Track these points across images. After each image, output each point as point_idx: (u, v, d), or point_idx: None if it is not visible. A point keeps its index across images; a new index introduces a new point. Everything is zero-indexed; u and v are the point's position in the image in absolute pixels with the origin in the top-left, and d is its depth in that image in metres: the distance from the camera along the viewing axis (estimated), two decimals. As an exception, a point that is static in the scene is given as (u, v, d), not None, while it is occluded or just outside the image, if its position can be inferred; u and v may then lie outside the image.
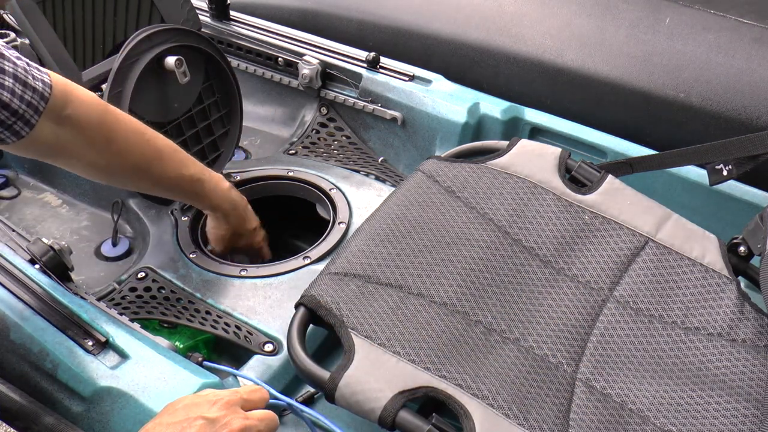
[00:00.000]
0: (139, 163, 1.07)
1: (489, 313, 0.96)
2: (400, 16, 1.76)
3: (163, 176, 1.11)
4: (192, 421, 0.73)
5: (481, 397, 0.84)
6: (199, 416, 0.73)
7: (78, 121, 0.97)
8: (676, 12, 1.59)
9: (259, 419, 0.77)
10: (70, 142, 0.98)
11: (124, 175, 1.10)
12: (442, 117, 1.45)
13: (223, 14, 1.67)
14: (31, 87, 0.90)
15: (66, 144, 0.98)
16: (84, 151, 1.01)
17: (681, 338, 0.98)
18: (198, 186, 1.16)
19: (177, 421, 0.73)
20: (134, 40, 1.20)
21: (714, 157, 1.15)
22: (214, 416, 0.74)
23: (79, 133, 0.98)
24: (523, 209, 1.10)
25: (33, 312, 0.92)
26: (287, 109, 1.66)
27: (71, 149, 1.00)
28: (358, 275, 0.97)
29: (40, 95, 0.91)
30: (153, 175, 1.10)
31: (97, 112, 1.01)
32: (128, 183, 1.16)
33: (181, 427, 0.72)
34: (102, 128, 1.01)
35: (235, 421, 0.74)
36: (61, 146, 0.98)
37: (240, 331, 1.09)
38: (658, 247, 1.08)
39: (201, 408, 0.75)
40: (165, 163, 1.11)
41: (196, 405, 0.75)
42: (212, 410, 0.74)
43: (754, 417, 0.88)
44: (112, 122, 1.03)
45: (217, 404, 0.75)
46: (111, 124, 1.03)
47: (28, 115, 0.90)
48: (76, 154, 1.01)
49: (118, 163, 1.06)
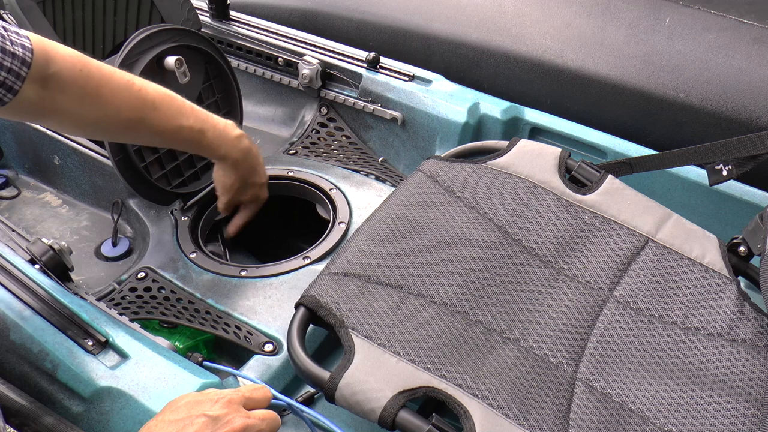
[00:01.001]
0: (131, 116, 1.03)
1: (489, 313, 0.96)
2: (400, 16, 1.76)
3: (159, 127, 1.07)
4: (194, 418, 0.73)
5: (481, 397, 0.84)
6: (201, 414, 0.73)
7: (63, 79, 0.94)
8: (676, 12, 1.59)
9: (260, 419, 0.77)
10: (57, 101, 0.95)
11: (118, 129, 1.06)
12: (442, 117, 1.45)
13: (223, 14, 1.67)
14: (10, 53, 0.87)
15: (53, 103, 0.95)
16: (72, 108, 0.97)
17: (681, 338, 0.98)
18: (199, 136, 1.11)
19: (179, 419, 0.73)
20: (134, 40, 1.20)
21: (714, 157, 1.15)
22: (217, 414, 0.74)
23: (64, 90, 0.95)
24: (523, 209, 1.10)
25: (33, 312, 0.92)
26: (287, 109, 1.66)
27: (59, 108, 0.96)
28: (358, 275, 0.97)
29: (21, 60, 0.88)
30: (148, 126, 1.05)
31: (81, 67, 0.97)
32: (124, 136, 1.12)
33: (183, 424, 0.72)
34: (88, 82, 0.97)
35: (237, 420, 0.74)
36: (49, 106, 0.95)
37: (240, 331, 1.09)
38: (658, 247, 1.08)
39: (203, 406, 0.75)
40: (159, 113, 1.06)
41: (198, 403, 0.75)
42: (215, 408, 0.74)
43: (754, 417, 0.88)
44: (97, 75, 0.99)
45: (219, 402, 0.75)
46: (96, 78, 0.99)
47: (9, 82, 0.87)
48: (64, 112, 0.98)
49: (109, 117, 1.02)
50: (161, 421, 0.74)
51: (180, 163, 1.33)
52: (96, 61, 1.00)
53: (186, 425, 0.72)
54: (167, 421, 0.73)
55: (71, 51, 0.97)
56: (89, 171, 1.39)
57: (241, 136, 1.18)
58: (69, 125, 1.03)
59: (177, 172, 1.33)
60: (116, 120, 1.03)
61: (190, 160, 1.35)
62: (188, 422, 0.72)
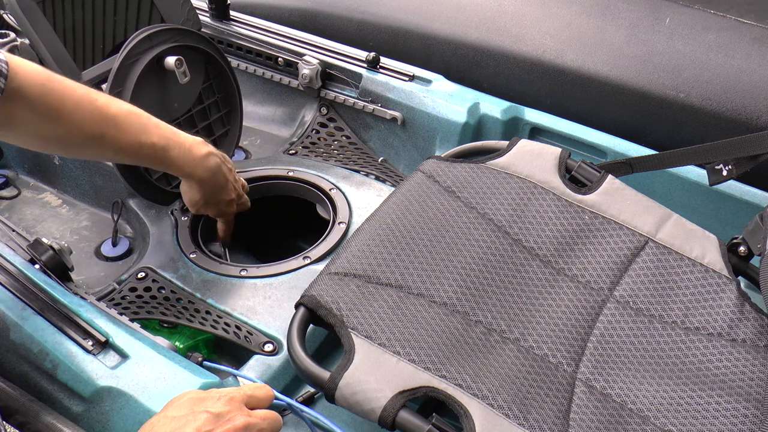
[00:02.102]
0: (93, 131, 1.01)
1: (489, 313, 0.96)
2: (400, 16, 1.76)
3: (122, 143, 1.04)
4: (197, 414, 0.73)
5: (481, 396, 0.84)
6: (204, 410, 0.73)
7: (25, 93, 0.92)
8: (676, 12, 1.59)
9: (262, 418, 0.77)
10: (19, 115, 0.93)
11: (80, 144, 1.04)
12: (442, 117, 1.45)
13: (223, 14, 1.67)
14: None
15: (14, 117, 0.93)
16: (35, 124, 0.96)
17: (681, 338, 0.98)
18: (162, 153, 1.09)
19: (182, 415, 0.73)
20: (134, 40, 1.20)
21: (714, 157, 1.15)
22: (219, 411, 0.74)
23: (27, 104, 0.93)
24: (523, 209, 1.10)
25: (33, 312, 0.92)
26: (287, 109, 1.66)
27: (20, 122, 0.94)
28: (358, 275, 0.97)
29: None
30: (110, 142, 1.03)
31: (43, 81, 0.95)
32: (87, 153, 1.10)
33: (185, 420, 0.72)
34: (49, 97, 0.96)
35: (238, 418, 0.74)
36: (11, 121, 0.93)
37: (240, 331, 1.09)
38: (658, 247, 1.08)
39: (206, 403, 0.75)
40: (122, 129, 1.03)
41: (201, 400, 0.76)
42: (217, 405, 0.75)
43: (754, 417, 0.88)
44: (59, 90, 0.97)
45: (221, 400, 0.76)
46: (58, 92, 0.97)
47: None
48: (27, 128, 0.96)
49: (71, 133, 1.00)
50: (164, 417, 0.74)
51: (180, 163, 1.32)
52: (59, 77, 0.99)
53: (188, 421, 0.72)
54: (170, 417, 0.73)
55: (34, 66, 0.96)
56: (89, 171, 1.39)
57: (208, 155, 1.16)
58: (30, 140, 1.01)
59: (177, 172, 1.32)
60: (78, 135, 1.01)
61: (190, 160, 1.35)
62: (191, 418, 0.72)
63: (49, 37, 1.18)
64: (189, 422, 0.72)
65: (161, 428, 0.72)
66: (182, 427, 0.72)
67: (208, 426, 0.72)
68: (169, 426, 0.72)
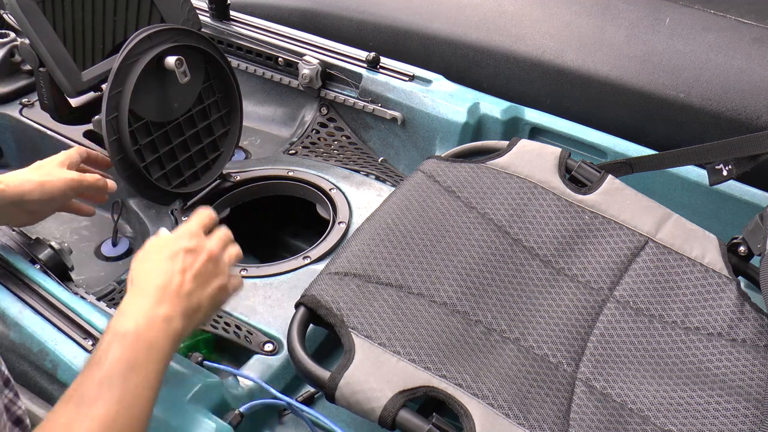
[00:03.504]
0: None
1: (489, 313, 0.96)
2: (400, 16, 1.76)
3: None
4: (179, 253, 0.81)
5: (481, 396, 0.84)
6: (180, 249, 0.82)
7: None
8: (676, 12, 1.59)
9: (219, 239, 0.87)
10: None
11: None
12: (442, 117, 1.45)
13: (223, 14, 1.67)
14: None
15: None
16: None
17: (681, 338, 0.98)
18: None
19: (167, 256, 0.81)
20: (134, 40, 1.20)
21: (714, 157, 1.15)
22: (193, 246, 0.83)
23: None
24: (523, 209, 1.10)
25: (33, 312, 0.92)
26: (287, 109, 1.66)
27: None
28: (358, 275, 0.97)
29: None
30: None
31: None
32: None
33: (172, 261, 0.80)
34: None
35: (209, 243, 0.84)
36: None
37: (240, 330, 1.09)
38: (658, 247, 1.08)
39: (181, 241, 0.83)
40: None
41: (170, 241, 0.83)
42: (189, 242, 0.83)
43: (754, 417, 0.88)
44: None
45: (185, 236, 0.84)
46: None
47: None
48: None
49: None
50: (157, 261, 0.81)
51: (180, 163, 1.32)
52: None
53: (175, 261, 0.80)
54: (160, 259, 0.81)
55: None
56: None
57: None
58: None
59: (177, 172, 1.32)
60: None
61: (190, 160, 1.35)
62: (177, 258, 0.81)
63: (49, 37, 1.18)
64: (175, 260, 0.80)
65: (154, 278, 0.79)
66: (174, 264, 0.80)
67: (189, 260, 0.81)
68: (163, 267, 0.80)
